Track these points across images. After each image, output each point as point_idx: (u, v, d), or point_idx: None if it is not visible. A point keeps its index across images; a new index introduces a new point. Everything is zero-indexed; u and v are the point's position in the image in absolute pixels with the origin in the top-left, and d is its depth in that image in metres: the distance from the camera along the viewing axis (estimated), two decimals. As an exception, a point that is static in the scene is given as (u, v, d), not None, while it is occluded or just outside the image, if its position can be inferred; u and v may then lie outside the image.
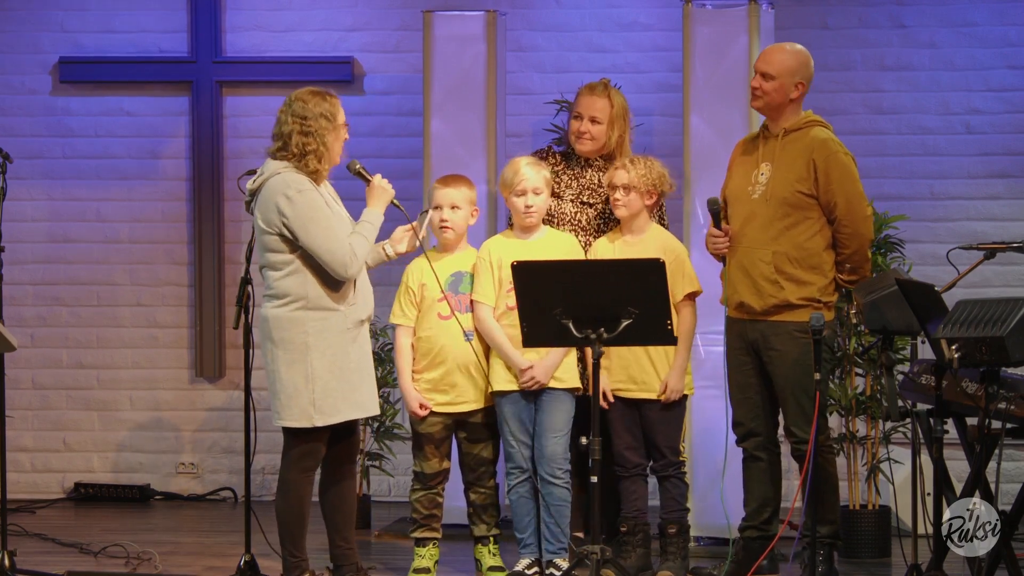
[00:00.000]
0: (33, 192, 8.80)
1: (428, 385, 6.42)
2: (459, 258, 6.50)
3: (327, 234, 5.77)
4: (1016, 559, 5.65)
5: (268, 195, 5.81)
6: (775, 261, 6.19)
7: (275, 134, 5.91)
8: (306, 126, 5.83)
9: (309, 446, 5.90)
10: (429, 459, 6.46)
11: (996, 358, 5.17)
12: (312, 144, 5.82)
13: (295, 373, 5.83)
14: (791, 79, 6.26)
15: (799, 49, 6.35)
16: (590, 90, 6.68)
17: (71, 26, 8.82)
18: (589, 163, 6.69)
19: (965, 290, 6.87)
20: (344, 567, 6.05)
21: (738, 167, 6.42)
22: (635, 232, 6.46)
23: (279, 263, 5.85)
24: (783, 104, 6.28)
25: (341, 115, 5.92)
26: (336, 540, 6.06)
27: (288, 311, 5.84)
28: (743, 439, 6.38)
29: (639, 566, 6.41)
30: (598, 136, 6.64)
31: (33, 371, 8.81)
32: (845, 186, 6.17)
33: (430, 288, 6.40)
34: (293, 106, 5.87)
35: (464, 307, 6.42)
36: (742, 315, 6.30)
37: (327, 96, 5.90)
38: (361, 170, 6.05)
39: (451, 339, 6.37)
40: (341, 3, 8.73)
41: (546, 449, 6.33)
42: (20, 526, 7.61)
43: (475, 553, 6.56)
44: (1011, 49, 8.38)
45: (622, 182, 6.41)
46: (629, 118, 6.71)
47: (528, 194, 6.40)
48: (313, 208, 5.78)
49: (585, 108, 6.64)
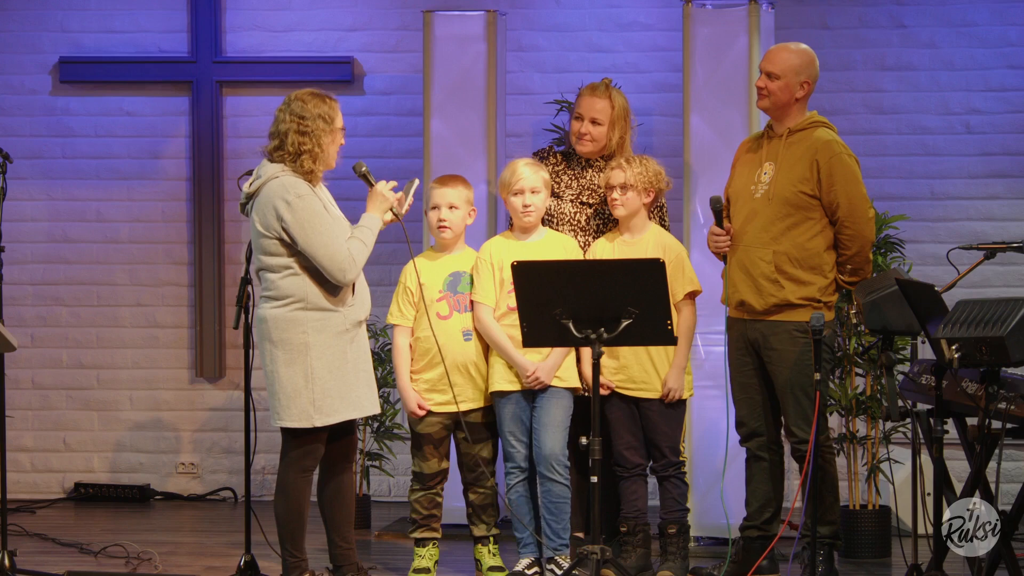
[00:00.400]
0: (33, 192, 8.80)
1: (426, 385, 6.43)
2: (457, 258, 6.50)
3: (327, 240, 5.78)
4: (1016, 559, 5.65)
5: (267, 199, 5.82)
6: (776, 260, 6.19)
7: (272, 132, 5.92)
8: (303, 126, 5.83)
9: (308, 446, 5.90)
10: (428, 459, 6.46)
11: (996, 358, 5.16)
12: (308, 144, 5.83)
13: (294, 373, 5.83)
14: (796, 78, 6.26)
15: (804, 48, 6.35)
16: (591, 91, 6.67)
17: (71, 26, 8.82)
18: (589, 163, 6.68)
19: (965, 290, 6.88)
20: (344, 567, 6.06)
21: (742, 166, 6.42)
22: (633, 232, 6.46)
23: (277, 266, 5.85)
24: (788, 103, 6.28)
25: (339, 119, 5.92)
26: (335, 540, 6.06)
27: (287, 312, 5.85)
28: (746, 439, 6.38)
29: (639, 566, 6.40)
30: (599, 137, 6.63)
31: (33, 371, 8.81)
32: (848, 187, 6.17)
33: (428, 288, 6.41)
34: (292, 105, 5.87)
35: (463, 307, 6.42)
36: (743, 314, 6.30)
37: (326, 99, 5.91)
38: (367, 173, 6.05)
39: (449, 339, 6.37)
40: (341, 3, 8.73)
41: (544, 446, 6.32)
42: (20, 526, 7.62)
43: (475, 553, 6.56)
44: (1011, 49, 8.38)
45: (619, 181, 6.41)
46: (630, 119, 6.71)
47: (525, 194, 6.40)
48: (313, 214, 5.78)
49: (586, 109, 6.64)
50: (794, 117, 6.30)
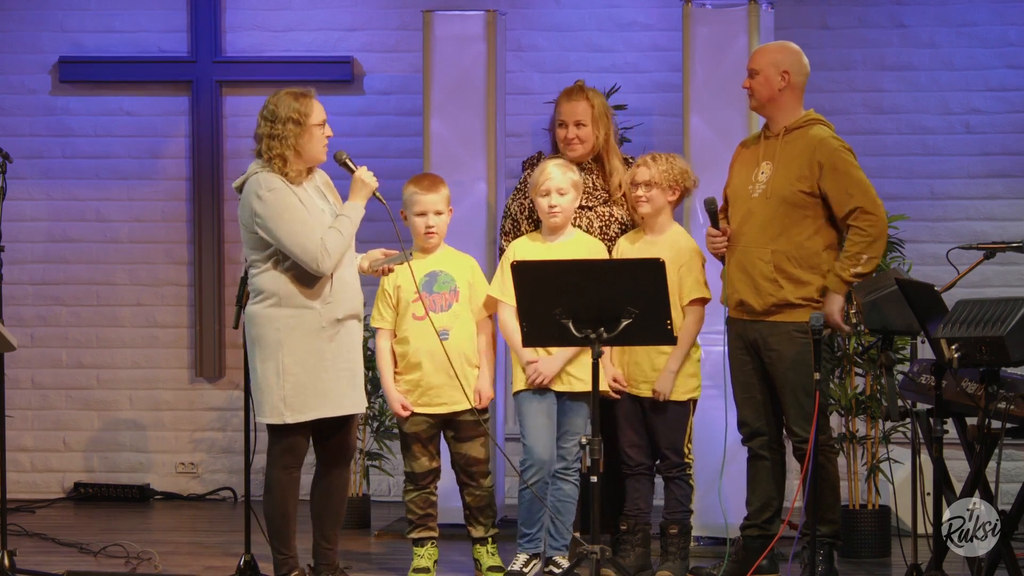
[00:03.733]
0: (33, 192, 8.80)
1: (407, 386, 6.43)
2: (436, 259, 6.49)
3: (298, 231, 5.78)
4: (1016, 559, 5.65)
5: (245, 196, 5.89)
6: (774, 260, 6.19)
7: (254, 135, 5.94)
8: (274, 129, 5.84)
9: (287, 442, 5.91)
10: (418, 458, 6.46)
11: (996, 358, 5.16)
12: (277, 148, 5.83)
13: (267, 369, 5.86)
14: (774, 69, 6.24)
15: (784, 43, 6.35)
16: (567, 96, 6.65)
17: (71, 26, 8.82)
18: (581, 167, 6.66)
19: (965, 290, 6.87)
20: (321, 566, 6.05)
21: (739, 166, 6.42)
22: (656, 232, 6.42)
23: (257, 261, 5.90)
24: (773, 97, 6.25)
25: (316, 115, 5.88)
26: (317, 538, 6.07)
27: (262, 308, 5.88)
28: (748, 438, 6.38)
29: (638, 565, 6.40)
30: (586, 138, 6.62)
31: (33, 371, 8.81)
32: (854, 176, 6.14)
33: (404, 290, 6.41)
34: (267, 107, 5.90)
35: (439, 307, 6.41)
36: (742, 315, 6.29)
37: (300, 96, 5.87)
38: (347, 161, 6.01)
39: (425, 339, 6.35)
40: (341, 3, 8.73)
41: (561, 450, 6.34)
42: (20, 526, 7.61)
43: (474, 553, 6.57)
44: (1011, 49, 8.38)
45: (643, 179, 6.38)
46: (611, 115, 6.70)
47: (552, 194, 6.36)
48: (283, 206, 5.80)
49: (567, 115, 6.61)
50: (787, 114, 6.27)
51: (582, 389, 6.28)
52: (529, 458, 6.33)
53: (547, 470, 6.34)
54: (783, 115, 6.28)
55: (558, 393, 6.35)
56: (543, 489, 6.35)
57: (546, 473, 6.34)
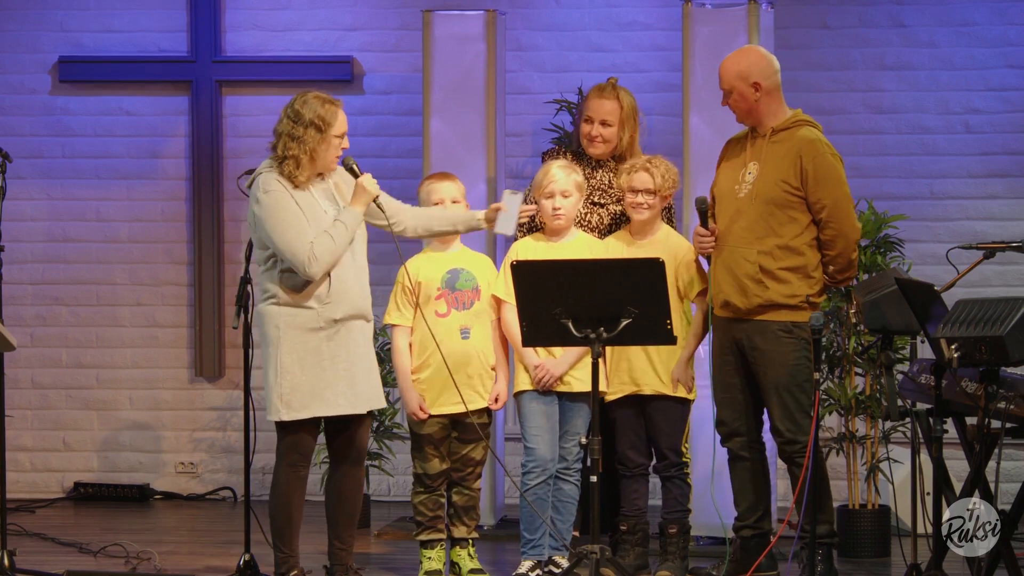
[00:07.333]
0: (33, 192, 8.80)
1: (423, 385, 6.39)
2: (455, 255, 6.47)
3: (289, 234, 5.80)
4: (1016, 559, 5.65)
5: (250, 196, 5.93)
6: (760, 260, 6.17)
7: (274, 129, 5.94)
8: (295, 130, 5.84)
9: (291, 439, 5.92)
10: (430, 460, 6.42)
11: (995, 358, 5.16)
12: (294, 150, 5.84)
13: (268, 368, 5.91)
14: (744, 83, 6.21)
15: (743, 52, 6.32)
16: (599, 92, 6.63)
17: (70, 25, 8.82)
18: (600, 164, 6.65)
19: (965, 290, 6.87)
20: (335, 567, 6.05)
21: (726, 166, 6.40)
22: (647, 234, 6.43)
23: (261, 260, 5.95)
24: (753, 108, 6.24)
25: (338, 126, 5.89)
26: (331, 538, 6.07)
27: (265, 306, 5.93)
28: (727, 439, 6.37)
29: (636, 565, 6.40)
30: (610, 139, 6.60)
31: (33, 371, 8.80)
32: (831, 187, 6.14)
33: (426, 285, 6.38)
34: (294, 106, 5.89)
35: (461, 304, 6.39)
36: (728, 314, 6.28)
37: (326, 103, 5.88)
38: (353, 166, 6.01)
39: (447, 337, 6.32)
40: (341, 2, 8.72)
41: (562, 450, 6.33)
42: (20, 525, 7.61)
43: (451, 555, 6.49)
44: (1010, 48, 8.38)
45: (646, 186, 6.36)
46: (639, 117, 6.69)
47: (556, 196, 6.33)
48: (278, 209, 5.82)
49: (595, 111, 6.60)
50: (772, 117, 6.25)
51: (581, 389, 6.28)
52: (532, 460, 6.33)
53: (550, 471, 6.33)
54: (768, 119, 6.26)
55: (558, 393, 6.35)
56: (546, 490, 6.35)
57: (549, 474, 6.34)
